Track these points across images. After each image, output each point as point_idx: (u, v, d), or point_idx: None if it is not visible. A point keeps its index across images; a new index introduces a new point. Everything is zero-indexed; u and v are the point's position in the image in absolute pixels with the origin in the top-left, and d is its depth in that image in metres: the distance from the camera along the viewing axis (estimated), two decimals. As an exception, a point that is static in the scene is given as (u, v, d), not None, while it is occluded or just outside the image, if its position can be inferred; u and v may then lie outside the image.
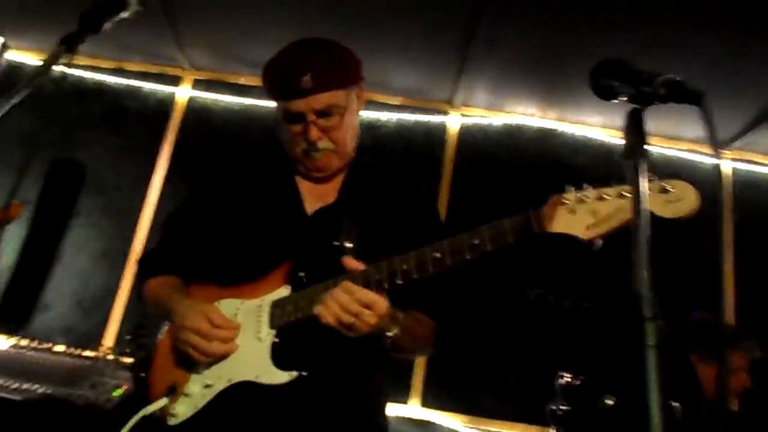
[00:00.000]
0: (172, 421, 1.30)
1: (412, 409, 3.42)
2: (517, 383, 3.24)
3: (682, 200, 1.00)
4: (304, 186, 1.49)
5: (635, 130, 0.80)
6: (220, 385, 1.30)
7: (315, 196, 1.48)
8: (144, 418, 1.33)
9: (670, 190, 1.01)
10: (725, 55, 3.08)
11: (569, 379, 1.91)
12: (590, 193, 1.08)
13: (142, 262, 1.60)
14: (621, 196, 1.05)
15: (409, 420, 3.40)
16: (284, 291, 1.33)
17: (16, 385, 2.74)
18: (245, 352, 1.31)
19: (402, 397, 3.43)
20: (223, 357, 1.31)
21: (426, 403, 3.44)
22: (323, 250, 1.35)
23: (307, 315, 1.27)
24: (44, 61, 1.04)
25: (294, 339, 1.30)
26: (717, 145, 0.70)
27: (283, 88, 1.41)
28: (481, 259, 1.19)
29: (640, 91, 0.78)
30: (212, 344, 1.29)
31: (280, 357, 1.28)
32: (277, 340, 1.30)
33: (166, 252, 1.56)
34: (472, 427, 3.41)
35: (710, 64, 3.14)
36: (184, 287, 1.47)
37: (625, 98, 0.83)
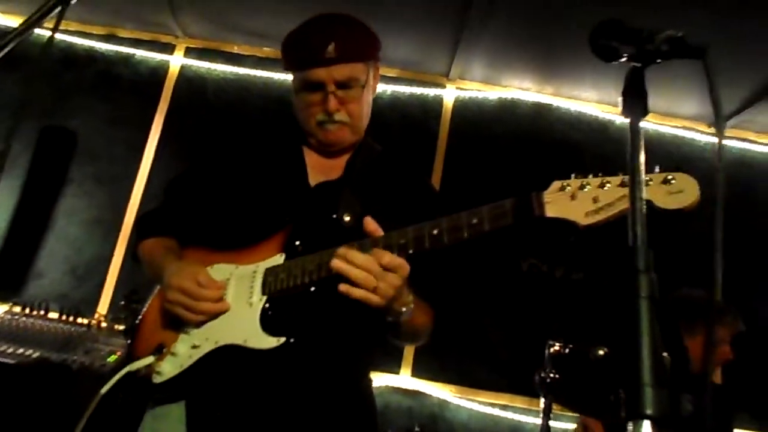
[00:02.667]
0: (157, 379, 1.31)
1: (403, 379, 3.47)
2: (508, 356, 3.28)
3: (684, 192, 1.01)
4: (311, 159, 1.50)
5: (636, 89, 0.80)
6: (207, 347, 1.31)
7: (320, 170, 1.48)
8: (131, 376, 1.34)
9: (672, 181, 1.01)
10: (719, 35, 3.06)
11: (558, 348, 1.93)
12: (592, 180, 1.09)
13: (141, 221, 1.61)
14: (622, 184, 1.05)
15: (400, 390, 3.46)
16: (279, 259, 1.33)
17: (10, 350, 2.76)
18: (235, 316, 1.32)
19: (393, 367, 3.47)
20: (209, 317, 1.32)
21: (417, 373, 3.50)
22: (321, 222, 1.37)
23: (300, 283, 1.27)
24: (31, 16, 0.99)
25: (284, 306, 1.31)
26: (718, 103, 0.70)
27: (305, 57, 1.40)
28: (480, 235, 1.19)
29: (641, 49, 0.78)
30: (197, 303, 1.30)
31: (269, 323, 1.28)
32: (267, 305, 1.30)
33: (165, 213, 1.56)
34: (461, 397, 3.47)
35: (709, 38, 3.12)
36: (179, 249, 1.47)
37: (626, 57, 0.83)
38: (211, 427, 1.29)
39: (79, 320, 3.10)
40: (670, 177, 1.02)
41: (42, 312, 3.13)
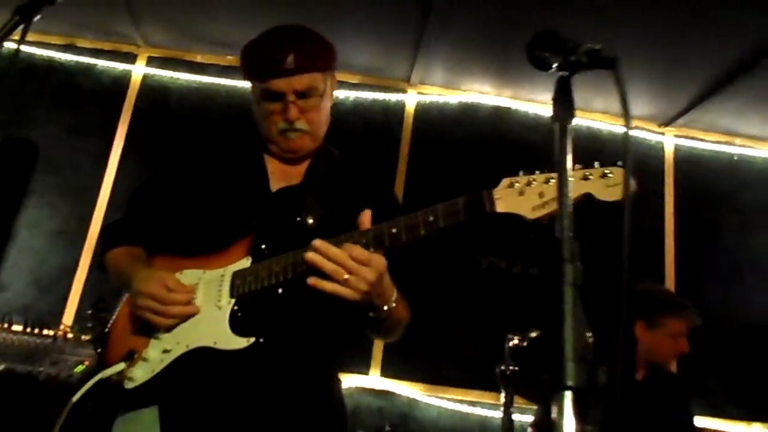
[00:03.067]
0: (129, 385, 1.33)
1: (373, 379, 3.53)
2: (472, 353, 3.36)
3: (620, 185, 1.10)
4: (272, 165, 1.53)
5: (563, 96, 0.88)
6: (178, 351, 1.33)
7: (281, 177, 1.51)
8: (102, 383, 1.34)
9: (609, 175, 1.11)
10: (669, 34, 3.20)
11: (517, 341, 2.02)
12: (538, 176, 1.16)
13: (106, 231, 1.61)
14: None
15: (370, 390, 3.51)
16: (246, 262, 1.36)
17: (-26, 364, 2.73)
18: (204, 320, 1.34)
19: (362, 368, 3.53)
20: (179, 320, 1.34)
21: (386, 373, 3.55)
22: (286, 225, 1.40)
23: (266, 285, 1.30)
24: None
25: (253, 308, 1.33)
26: (628, 110, 0.79)
27: (265, 68, 1.44)
28: (437, 233, 1.25)
29: (566, 60, 0.86)
30: (167, 307, 1.31)
31: (238, 324, 1.31)
32: (236, 308, 1.33)
33: (130, 223, 1.57)
34: (430, 395, 3.54)
35: (654, 42, 3.28)
36: (147, 257, 1.48)
37: (555, 67, 0.90)
38: (185, 429, 1.31)
39: (45, 332, 3.07)
40: (607, 172, 1.12)
41: (6, 324, 3.09)
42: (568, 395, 0.65)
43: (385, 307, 1.29)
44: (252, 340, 1.28)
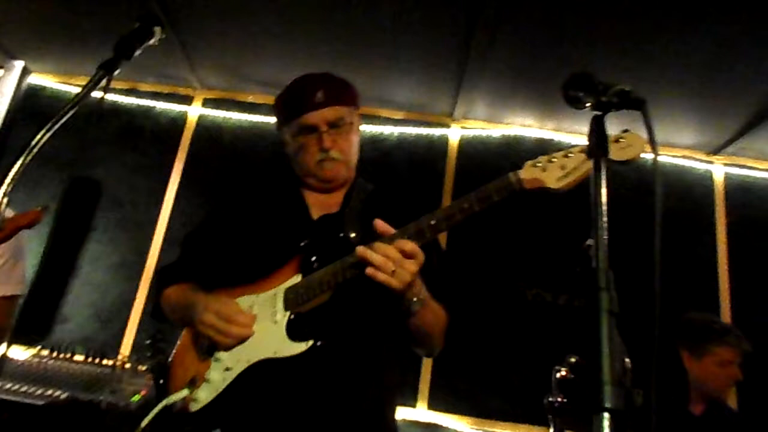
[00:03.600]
0: (194, 407, 1.38)
1: (420, 412, 3.53)
2: (519, 381, 3.34)
3: (632, 146, 1.20)
4: (310, 198, 1.64)
5: (598, 134, 0.93)
6: (239, 368, 1.38)
7: (320, 207, 1.62)
8: (168, 411, 1.39)
9: (622, 139, 1.21)
10: (717, 62, 3.18)
11: (564, 373, 2.02)
12: (557, 154, 1.28)
13: (161, 274, 1.70)
14: (582, 151, 1.26)
15: (417, 423, 3.50)
16: (297, 278, 1.43)
17: (39, 391, 2.87)
18: (262, 336, 1.39)
19: (410, 400, 3.54)
20: (241, 340, 1.39)
21: (433, 406, 3.55)
22: (331, 241, 1.48)
23: (318, 293, 1.38)
24: (85, 86, 1.15)
25: (308, 315, 1.40)
26: (656, 146, 0.84)
27: (298, 106, 1.59)
28: (482, 261, 1.31)
29: (598, 100, 0.92)
30: (230, 326, 1.38)
31: (295, 332, 1.37)
32: (292, 318, 1.39)
33: (183, 264, 1.66)
34: (478, 429, 3.50)
35: (703, 70, 3.26)
36: (204, 291, 1.53)
37: (588, 106, 0.96)
38: None
39: (104, 362, 3.20)
40: (620, 136, 1.21)
41: (68, 354, 3.23)
42: (606, 417, 0.69)
43: (414, 299, 1.35)
44: (310, 342, 1.34)
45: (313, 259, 1.44)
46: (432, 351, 1.56)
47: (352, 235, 1.48)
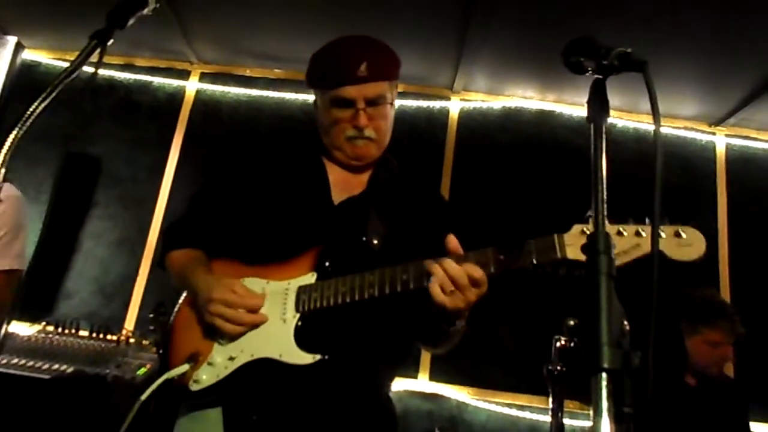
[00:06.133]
0: (194, 387, 1.36)
1: (421, 383, 3.57)
2: (518, 350, 3.37)
3: (692, 246, 1.12)
4: (333, 173, 1.55)
5: (598, 98, 0.93)
6: (243, 359, 1.35)
7: (342, 186, 1.53)
8: (167, 383, 1.38)
9: (683, 236, 1.12)
10: (721, 31, 3.14)
11: (564, 342, 2.03)
12: (610, 228, 1.15)
13: (168, 232, 1.63)
14: (637, 234, 1.14)
15: (419, 394, 3.55)
16: (311, 278, 1.38)
17: (46, 366, 2.90)
18: (269, 332, 1.36)
19: (411, 371, 3.58)
20: (249, 328, 1.37)
21: (434, 376, 3.59)
22: (351, 244, 1.41)
23: (332, 304, 1.33)
24: (77, 57, 1.12)
25: (317, 324, 1.35)
26: (657, 111, 0.82)
27: (336, 75, 1.46)
28: (482, 234, 1.29)
29: (599, 64, 0.90)
30: (238, 314, 1.34)
31: (304, 339, 1.33)
32: (300, 323, 1.35)
33: (191, 225, 1.59)
34: (479, 399, 3.56)
35: (706, 40, 3.22)
36: (208, 261, 1.50)
37: (589, 71, 0.95)
38: (248, 429, 1.34)
39: (109, 337, 3.24)
40: (680, 231, 1.12)
41: (73, 330, 3.27)
42: (604, 377, 0.69)
43: (458, 323, 1.31)
44: (318, 357, 1.30)
45: (328, 264, 1.39)
46: (442, 353, 1.54)
47: (375, 241, 1.41)
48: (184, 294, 1.51)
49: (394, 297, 1.29)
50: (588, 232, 1.14)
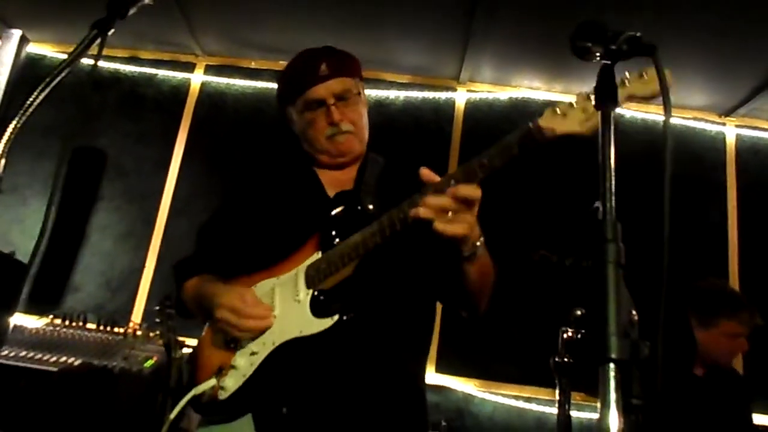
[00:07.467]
0: (222, 395, 1.35)
1: (428, 375, 3.55)
2: (526, 343, 3.36)
3: (656, 80, 1.09)
4: (324, 176, 1.59)
5: (606, 83, 0.90)
6: (265, 351, 1.36)
7: (334, 185, 1.56)
8: (197, 402, 1.38)
9: (645, 76, 1.10)
10: (731, 20, 3.11)
11: (571, 334, 2.02)
12: (578, 96, 1.18)
13: (178, 267, 1.65)
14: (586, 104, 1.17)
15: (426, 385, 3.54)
16: (317, 255, 1.40)
17: (53, 359, 2.92)
18: (286, 316, 1.37)
19: (417, 364, 3.57)
20: (255, 334, 1.37)
21: (440, 369, 3.59)
22: (348, 215, 1.44)
23: (340, 267, 1.34)
24: (78, 46, 1.08)
25: (331, 292, 1.36)
26: (668, 96, 0.80)
27: (302, 81, 1.54)
28: (486, 223, 1.27)
29: (608, 49, 0.88)
30: (244, 321, 1.35)
31: (320, 309, 1.34)
32: (315, 294, 1.36)
33: (200, 256, 1.63)
34: (486, 391, 3.55)
35: (716, 29, 3.19)
36: (221, 280, 1.51)
37: (598, 56, 0.93)
38: (279, 426, 1.33)
39: (116, 329, 3.24)
40: (643, 72, 1.10)
41: (80, 323, 3.28)
42: (612, 367, 0.68)
43: (477, 243, 1.28)
44: (336, 318, 1.31)
45: (333, 233, 1.40)
46: (479, 308, 1.49)
47: (370, 207, 1.44)
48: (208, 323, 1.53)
49: (401, 250, 1.31)
50: (559, 111, 1.18)
